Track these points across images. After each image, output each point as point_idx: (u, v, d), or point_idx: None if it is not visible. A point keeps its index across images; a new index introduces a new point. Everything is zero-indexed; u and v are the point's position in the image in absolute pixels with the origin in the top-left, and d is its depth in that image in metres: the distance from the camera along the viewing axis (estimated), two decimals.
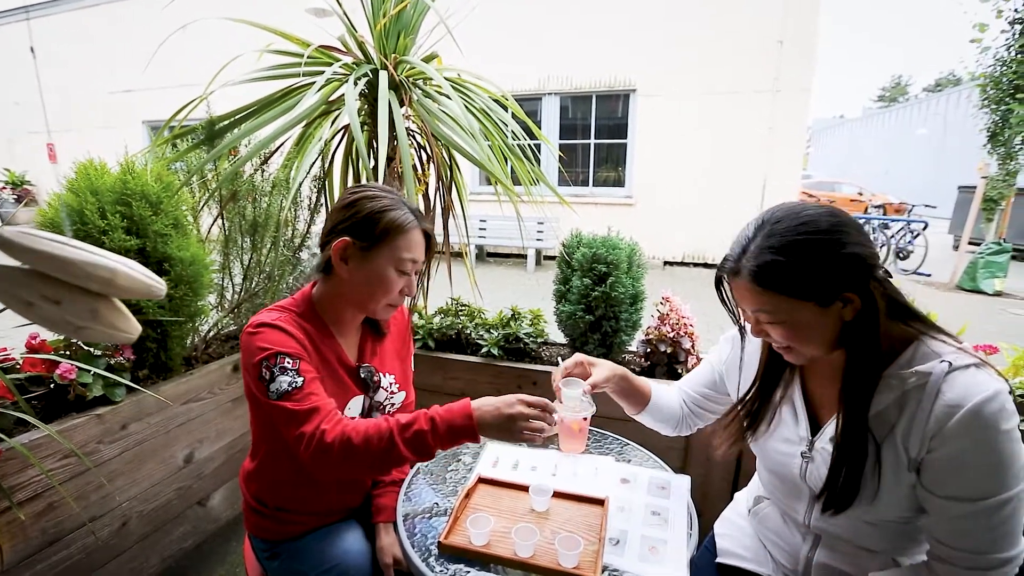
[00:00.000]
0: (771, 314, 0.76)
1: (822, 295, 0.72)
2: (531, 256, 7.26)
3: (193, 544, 1.68)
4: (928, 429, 0.69)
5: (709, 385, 1.08)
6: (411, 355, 1.23)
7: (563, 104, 7.73)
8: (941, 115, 17.58)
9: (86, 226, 1.39)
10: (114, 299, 0.63)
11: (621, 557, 0.87)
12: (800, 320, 0.75)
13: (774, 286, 0.73)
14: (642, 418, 1.13)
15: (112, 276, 0.55)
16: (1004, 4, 5.47)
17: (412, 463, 0.87)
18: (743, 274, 0.76)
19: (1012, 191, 6.03)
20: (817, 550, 0.88)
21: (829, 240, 0.71)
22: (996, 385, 0.67)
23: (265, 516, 1.06)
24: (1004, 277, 5.78)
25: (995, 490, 0.66)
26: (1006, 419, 0.66)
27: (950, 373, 0.69)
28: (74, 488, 1.29)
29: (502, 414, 0.86)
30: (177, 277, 1.52)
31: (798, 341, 0.77)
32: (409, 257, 0.98)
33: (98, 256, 0.57)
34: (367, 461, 0.84)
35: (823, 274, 0.71)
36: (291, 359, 0.90)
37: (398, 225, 0.96)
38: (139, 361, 1.54)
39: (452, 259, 1.93)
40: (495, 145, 1.67)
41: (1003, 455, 0.66)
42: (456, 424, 0.86)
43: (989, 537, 0.68)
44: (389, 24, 1.65)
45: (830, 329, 0.75)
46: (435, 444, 0.85)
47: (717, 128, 6.90)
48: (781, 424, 0.89)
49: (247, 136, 1.55)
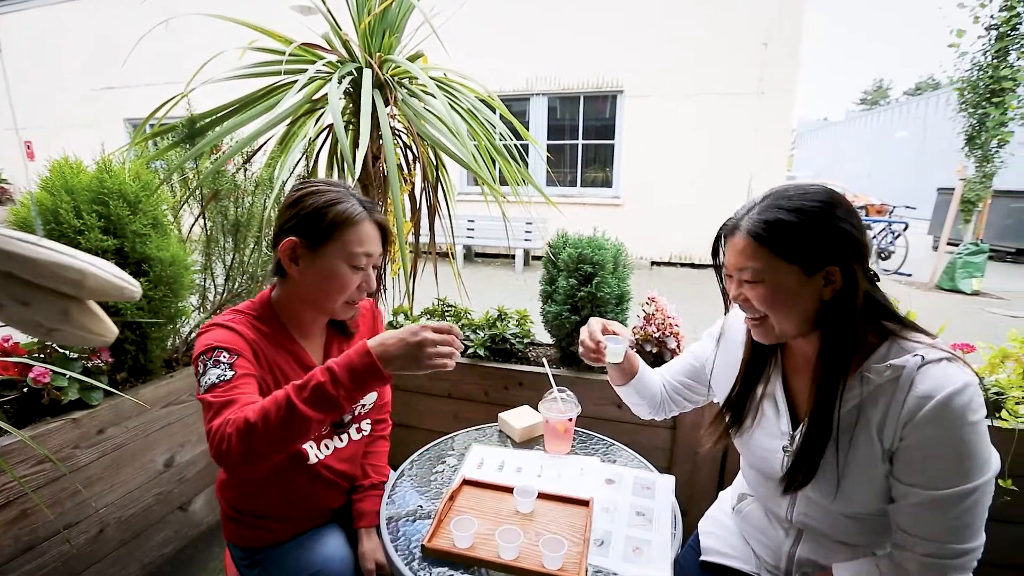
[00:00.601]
0: (756, 272, 0.78)
1: (809, 261, 0.75)
2: (519, 256, 7.26)
3: (174, 550, 1.64)
4: (900, 419, 0.71)
5: (689, 375, 1.10)
6: None
7: (551, 104, 7.74)
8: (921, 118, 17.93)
9: (61, 226, 1.35)
10: (88, 301, 0.61)
11: (605, 558, 0.87)
12: (781, 283, 0.77)
13: (767, 242, 0.76)
14: (627, 391, 1.13)
15: (81, 278, 0.53)
16: (981, 11, 5.59)
17: (323, 422, 0.77)
18: (741, 230, 0.79)
19: (989, 193, 6.16)
20: (800, 545, 0.89)
21: (827, 211, 0.74)
22: (966, 378, 0.69)
23: (242, 524, 1.04)
24: (981, 277, 5.92)
25: (957, 481, 0.68)
26: (973, 411, 0.68)
27: (923, 367, 0.71)
28: (48, 495, 1.26)
29: (406, 343, 0.78)
30: (157, 278, 1.49)
31: (774, 307, 0.79)
32: (362, 251, 0.93)
33: (68, 257, 0.55)
34: (271, 435, 0.74)
35: (815, 240, 0.74)
36: (228, 354, 0.86)
37: (346, 218, 0.92)
38: (118, 364, 1.51)
39: (439, 259, 1.92)
40: (481, 146, 1.66)
41: (968, 446, 0.68)
42: (355, 365, 0.77)
43: (950, 527, 0.69)
44: (374, 22, 1.63)
45: (807, 302, 0.77)
46: (338, 393, 0.76)
47: (703, 129, 6.97)
48: (764, 419, 0.90)
49: (228, 134, 1.52)
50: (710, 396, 1.10)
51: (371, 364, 0.77)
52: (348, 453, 1.09)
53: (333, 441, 1.06)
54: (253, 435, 0.74)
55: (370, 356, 0.77)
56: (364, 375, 0.77)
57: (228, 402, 0.80)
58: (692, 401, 1.12)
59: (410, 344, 0.78)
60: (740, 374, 0.94)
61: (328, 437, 1.06)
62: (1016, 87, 5.52)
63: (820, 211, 0.74)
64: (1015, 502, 1.26)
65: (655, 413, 1.14)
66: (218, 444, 0.75)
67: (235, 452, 0.74)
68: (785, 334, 0.82)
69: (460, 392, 1.83)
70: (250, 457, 0.75)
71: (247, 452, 0.74)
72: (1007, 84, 5.49)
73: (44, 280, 0.56)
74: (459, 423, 1.84)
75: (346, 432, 1.09)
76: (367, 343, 0.79)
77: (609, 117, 7.56)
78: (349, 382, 0.77)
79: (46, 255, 0.57)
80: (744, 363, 0.94)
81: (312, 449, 1.02)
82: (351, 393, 0.77)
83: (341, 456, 1.07)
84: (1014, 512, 1.28)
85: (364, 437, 1.13)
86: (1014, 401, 1.35)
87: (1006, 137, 5.72)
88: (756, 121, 6.76)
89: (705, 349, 1.08)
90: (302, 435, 0.77)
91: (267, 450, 0.76)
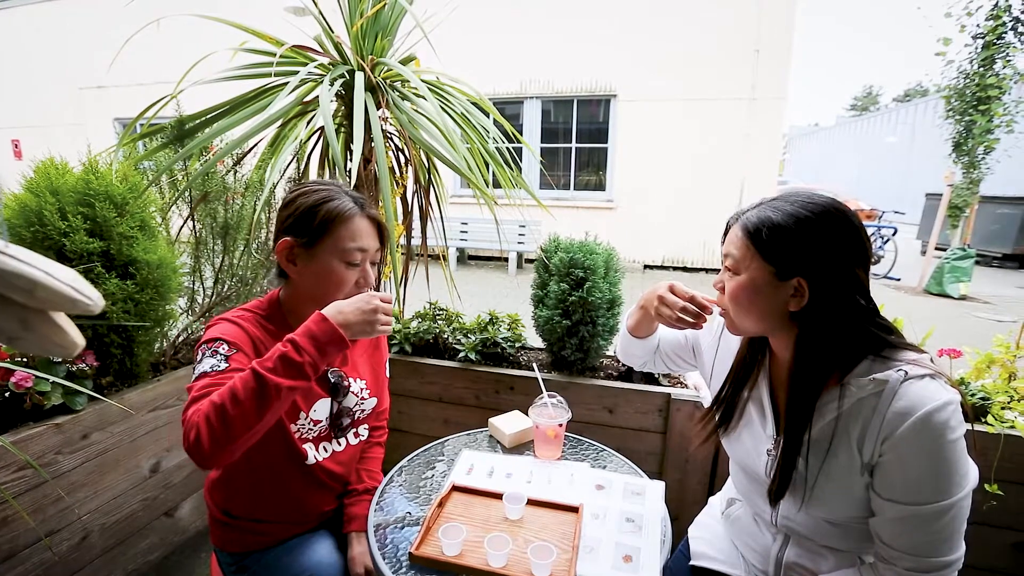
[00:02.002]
0: (735, 262, 0.80)
1: (784, 266, 0.75)
2: (512, 259, 7.26)
3: (159, 557, 1.62)
4: (880, 434, 0.72)
5: (679, 349, 1.10)
6: (385, 361, 1.21)
7: (544, 108, 7.75)
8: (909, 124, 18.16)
9: (45, 228, 1.33)
10: (49, 310, 0.59)
11: (595, 565, 0.87)
12: (754, 279, 0.78)
13: (752, 237, 0.77)
14: (640, 344, 1.09)
15: (31, 287, 0.50)
16: (967, 20, 5.68)
17: (293, 391, 0.78)
18: (739, 221, 0.80)
19: (976, 199, 6.25)
20: (787, 549, 0.90)
21: (819, 222, 0.74)
22: (947, 396, 0.69)
23: (231, 528, 1.02)
24: (968, 281, 6.00)
25: (935, 497, 0.69)
26: (952, 429, 0.68)
27: (905, 382, 0.71)
28: (30, 501, 1.23)
29: (363, 311, 0.84)
30: (143, 280, 1.47)
31: (738, 299, 0.80)
32: (355, 246, 0.94)
33: (21, 264, 0.53)
34: (241, 412, 0.74)
35: (795, 247, 0.74)
36: (228, 347, 0.87)
37: (337, 215, 0.92)
38: (103, 367, 1.48)
39: (431, 262, 1.91)
40: (474, 149, 1.66)
41: (947, 463, 0.68)
42: (316, 332, 0.80)
43: (930, 540, 0.70)
44: (366, 25, 1.63)
45: (770, 304, 0.78)
46: (303, 359, 0.78)
47: (696, 134, 7.01)
48: (750, 422, 0.91)
49: (218, 135, 1.51)
50: (686, 371, 1.11)
51: (331, 329, 0.81)
52: (344, 457, 1.09)
53: (331, 444, 1.06)
54: (222, 416, 0.74)
55: (328, 322, 0.81)
56: (324, 340, 0.80)
57: (209, 393, 0.79)
58: (677, 368, 1.14)
59: (366, 311, 0.84)
60: (731, 373, 0.95)
61: (327, 440, 1.05)
62: (1002, 95, 5.61)
63: (811, 220, 0.74)
64: (1001, 507, 1.27)
65: (645, 366, 1.16)
66: (188, 433, 0.75)
67: (205, 437, 0.73)
68: (744, 329, 0.84)
69: (451, 396, 1.82)
70: (221, 441, 0.74)
71: (217, 435, 0.73)
72: (993, 92, 5.58)
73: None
74: (450, 427, 1.83)
75: (344, 436, 1.09)
76: (321, 312, 0.83)
77: (603, 121, 7.59)
78: (312, 348, 0.79)
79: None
80: (736, 363, 0.94)
81: (311, 450, 1.02)
82: (315, 360, 0.80)
83: (337, 459, 1.07)
84: (999, 517, 1.30)
85: (360, 442, 1.13)
86: (999, 406, 1.36)
87: (992, 144, 5.80)
88: (748, 126, 6.81)
89: (701, 334, 1.06)
90: (272, 407, 0.76)
91: (238, 429, 0.74)
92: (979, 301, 5.88)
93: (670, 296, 0.92)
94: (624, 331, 1.11)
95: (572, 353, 1.68)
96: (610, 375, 1.74)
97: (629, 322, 1.08)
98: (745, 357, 0.93)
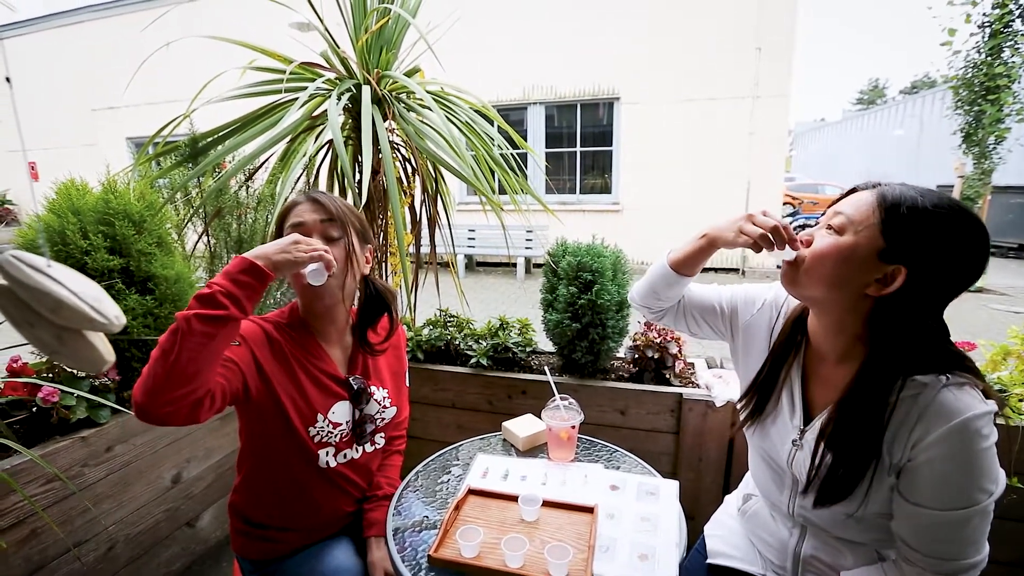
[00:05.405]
0: (846, 222, 0.75)
1: (897, 246, 0.71)
2: (520, 265, 7.28)
3: (182, 566, 1.65)
4: (912, 438, 0.71)
5: (706, 313, 1.03)
6: (405, 371, 1.23)
7: (548, 113, 7.79)
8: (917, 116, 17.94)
9: (68, 247, 1.38)
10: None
11: (611, 564, 0.87)
12: (856, 245, 0.73)
13: (886, 207, 0.72)
14: (672, 282, 0.99)
15: (56, 307, 0.54)
16: (972, 9, 5.64)
17: (204, 318, 0.78)
18: (876, 189, 0.75)
19: (988, 189, 6.17)
20: (804, 542, 0.90)
21: (954, 223, 0.70)
22: (983, 407, 0.69)
23: (252, 536, 1.05)
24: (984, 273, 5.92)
25: (962, 503, 0.69)
26: (985, 438, 0.68)
27: (943, 388, 0.71)
28: (58, 513, 1.27)
29: (280, 243, 0.88)
30: (162, 295, 1.51)
31: (825, 257, 0.75)
32: (293, 222, 0.99)
33: (52, 284, 0.56)
34: (161, 351, 0.76)
35: (920, 235, 0.70)
36: (236, 340, 0.92)
37: (287, 208, 1.03)
38: (125, 381, 1.52)
39: (440, 270, 1.93)
40: (480, 157, 1.68)
41: (976, 472, 0.68)
42: (230, 268, 0.83)
43: (955, 544, 0.70)
44: (371, 39, 1.66)
45: (853, 277, 0.74)
46: (213, 289, 0.80)
47: (700, 133, 7.00)
48: (779, 410, 0.91)
49: (231, 152, 1.55)
50: (705, 336, 1.05)
51: (240, 260, 0.84)
52: (362, 463, 1.11)
53: (351, 451, 1.08)
54: (156, 364, 0.76)
55: (247, 260, 0.84)
56: (235, 270, 0.83)
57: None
58: (692, 328, 1.06)
59: (284, 243, 0.88)
60: (770, 354, 0.92)
61: (348, 447, 1.08)
62: (1011, 83, 5.54)
63: (952, 221, 0.70)
64: (1020, 501, 1.26)
65: (659, 318, 1.08)
66: (135, 393, 0.77)
67: (136, 386, 0.76)
68: (804, 288, 0.80)
69: (464, 402, 1.84)
70: (147, 384, 0.76)
71: (145, 380, 0.76)
72: (1002, 81, 5.52)
73: (35, 305, 0.58)
74: (463, 433, 1.85)
75: (363, 444, 1.11)
76: (243, 255, 0.86)
77: (607, 124, 7.61)
78: (222, 279, 0.82)
79: (34, 280, 0.58)
80: (776, 343, 0.92)
81: (328, 454, 1.04)
82: (228, 289, 0.81)
83: (355, 465, 1.10)
84: (1018, 511, 1.28)
85: (378, 450, 1.15)
86: (1016, 398, 1.35)
87: (1003, 133, 5.73)
88: (752, 125, 6.80)
89: (749, 304, 1.00)
90: (188, 341, 0.77)
91: (160, 368, 0.76)
92: (995, 293, 5.80)
93: (761, 216, 0.85)
94: (659, 266, 1.00)
95: (583, 356, 1.69)
96: (621, 377, 1.74)
97: (674, 255, 0.98)
98: (786, 337, 0.91)
